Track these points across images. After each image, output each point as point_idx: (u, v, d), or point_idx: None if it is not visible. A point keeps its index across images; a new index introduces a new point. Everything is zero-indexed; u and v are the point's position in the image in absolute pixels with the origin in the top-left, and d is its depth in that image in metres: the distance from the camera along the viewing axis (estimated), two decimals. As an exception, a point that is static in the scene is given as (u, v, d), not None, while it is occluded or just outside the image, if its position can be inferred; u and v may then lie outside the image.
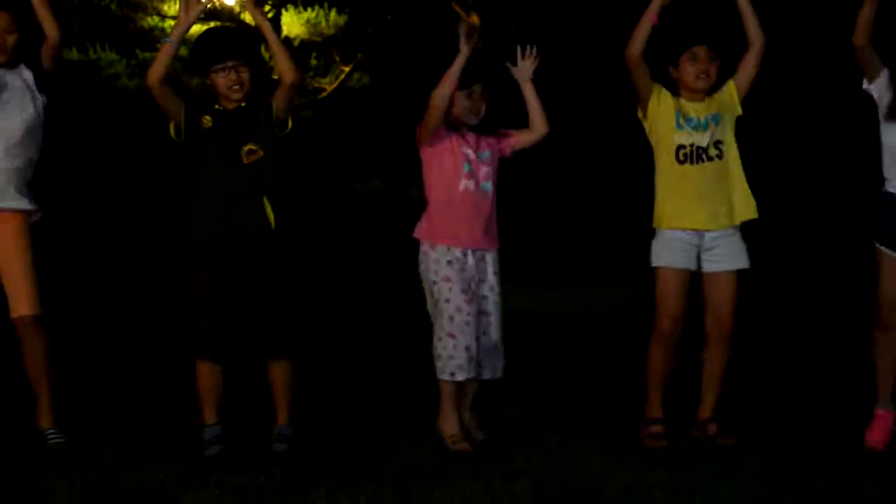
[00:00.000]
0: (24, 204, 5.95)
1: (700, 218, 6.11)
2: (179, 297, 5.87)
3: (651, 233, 6.22)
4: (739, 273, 6.18)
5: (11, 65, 6.00)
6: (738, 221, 6.19)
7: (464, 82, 6.02)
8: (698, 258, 6.15)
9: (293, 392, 5.90)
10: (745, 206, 6.19)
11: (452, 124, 6.08)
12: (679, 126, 6.13)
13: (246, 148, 5.79)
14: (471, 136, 6.10)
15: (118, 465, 5.56)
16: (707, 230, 6.12)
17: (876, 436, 6.02)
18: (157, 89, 5.77)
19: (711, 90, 6.20)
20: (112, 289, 13.21)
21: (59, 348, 6.10)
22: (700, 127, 6.13)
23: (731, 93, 6.22)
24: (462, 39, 5.97)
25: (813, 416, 6.70)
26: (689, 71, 6.14)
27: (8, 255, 5.94)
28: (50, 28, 6.03)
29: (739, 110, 6.23)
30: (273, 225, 5.76)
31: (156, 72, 5.77)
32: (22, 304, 5.93)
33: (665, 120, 6.15)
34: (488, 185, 6.10)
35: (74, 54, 14.52)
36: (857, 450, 5.91)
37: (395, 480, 5.29)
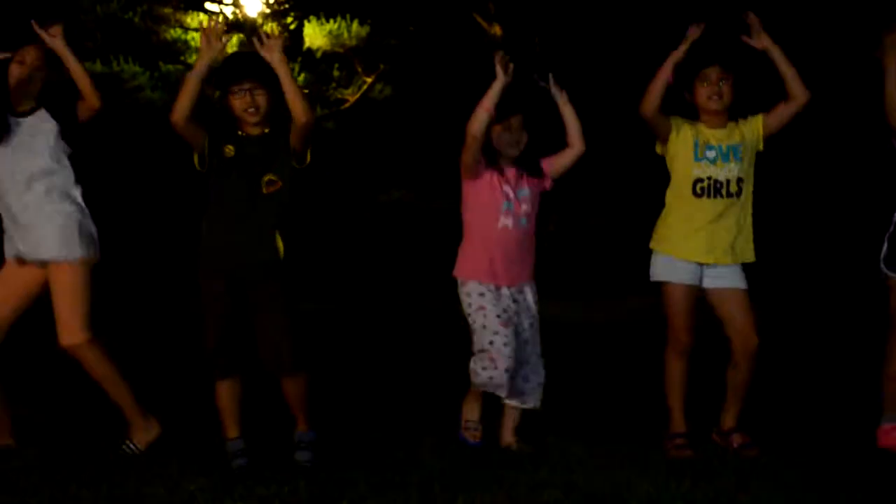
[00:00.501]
0: (67, 253, 5.99)
1: (702, 251, 6.09)
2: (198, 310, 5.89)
3: None
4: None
5: (32, 109, 6.03)
6: (738, 262, 6.17)
7: (500, 114, 6.01)
8: (699, 277, 6.15)
9: (308, 402, 5.92)
10: (747, 248, 6.18)
11: (493, 157, 6.07)
12: (697, 157, 6.11)
13: (266, 178, 5.78)
14: (511, 172, 6.09)
15: (148, 476, 5.59)
16: (707, 264, 6.12)
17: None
18: (181, 125, 5.75)
19: (734, 114, 6.17)
20: (137, 301, 13.25)
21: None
22: (720, 158, 6.11)
23: (757, 127, 6.18)
24: (499, 69, 5.91)
25: (835, 426, 6.67)
26: (702, 93, 6.12)
27: (51, 277, 6.00)
28: (91, 98, 6.03)
29: (761, 146, 6.19)
30: (282, 255, 5.76)
31: (181, 110, 5.71)
32: (70, 333, 5.98)
33: (683, 152, 6.13)
34: (526, 222, 6.11)
35: (98, 66, 14.56)
36: (878, 460, 5.89)
37: (420, 490, 5.31)
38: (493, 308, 6.03)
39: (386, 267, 15.05)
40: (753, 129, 6.18)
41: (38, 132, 6.01)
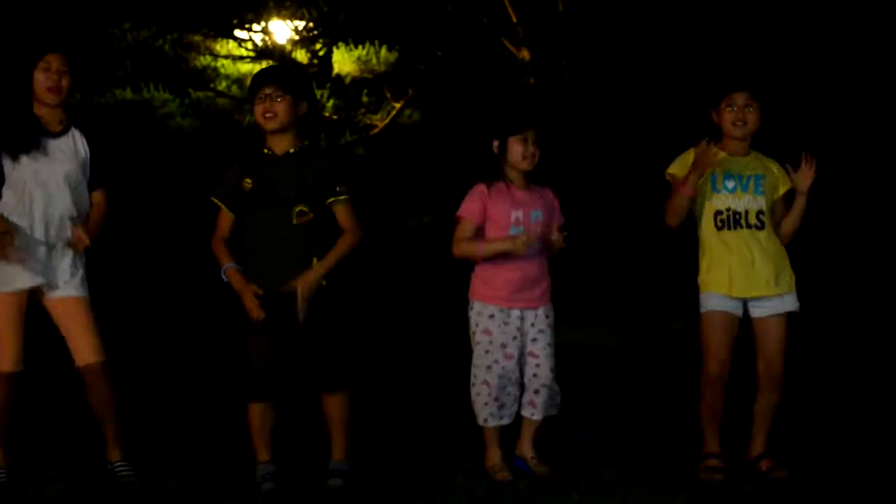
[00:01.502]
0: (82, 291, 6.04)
1: (741, 285, 6.07)
2: (235, 335, 5.89)
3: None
4: (790, 315, 6.16)
5: (64, 130, 6.05)
6: (782, 292, 6.13)
7: (517, 127, 6.03)
8: (745, 306, 6.13)
9: (349, 426, 5.88)
10: (783, 278, 6.14)
11: (501, 175, 6.08)
12: (715, 189, 6.10)
13: (297, 209, 5.73)
14: (521, 195, 6.09)
15: (179, 500, 5.60)
16: (749, 298, 6.10)
17: None
18: None
19: (755, 143, 6.16)
20: (168, 326, 13.28)
21: (122, 386, 6.22)
22: (739, 188, 6.09)
23: (781, 175, 6.19)
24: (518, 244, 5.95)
25: (863, 447, 6.63)
26: (727, 118, 6.12)
27: (68, 310, 6.02)
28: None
29: (787, 185, 6.19)
30: (324, 283, 5.73)
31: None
32: (86, 354, 6.01)
33: (703, 187, 6.12)
34: (538, 245, 6.09)
35: (128, 94, 14.65)
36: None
37: (450, 516, 5.30)
38: (499, 335, 6.03)
39: (415, 291, 15.04)
40: (778, 173, 6.19)
41: (71, 155, 6.03)
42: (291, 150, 5.82)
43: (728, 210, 6.09)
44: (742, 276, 6.05)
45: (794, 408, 6.60)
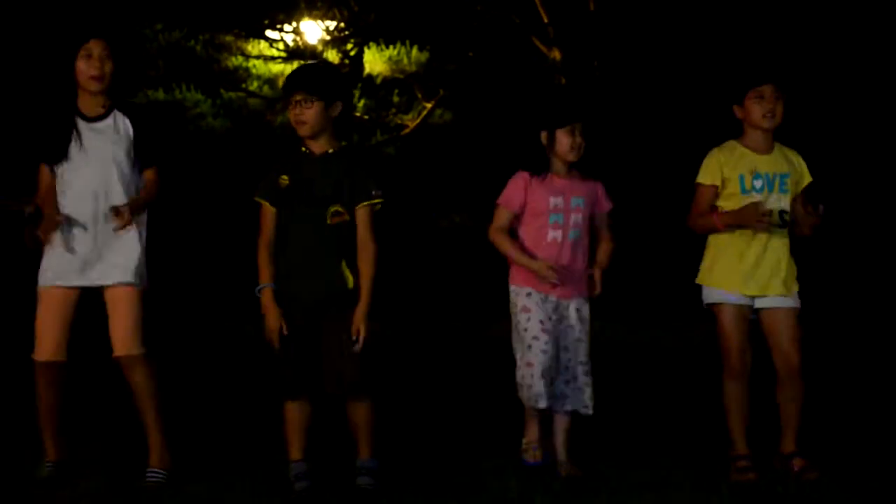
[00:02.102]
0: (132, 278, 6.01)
1: (752, 284, 6.06)
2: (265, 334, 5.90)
3: None
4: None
5: (106, 113, 6.03)
6: (789, 293, 6.10)
7: (565, 120, 6.06)
8: (751, 299, 6.12)
9: (373, 429, 5.87)
10: (791, 279, 6.13)
11: (546, 166, 6.09)
12: (745, 190, 6.07)
13: (332, 209, 5.74)
14: (562, 183, 6.10)
15: (211, 499, 5.62)
16: (755, 296, 6.09)
17: None
18: None
19: (779, 136, 6.14)
20: (199, 323, 13.33)
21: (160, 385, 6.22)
22: (766, 188, 6.06)
23: (803, 168, 6.19)
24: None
25: (885, 445, 6.60)
26: (756, 110, 6.07)
27: (113, 298, 6.01)
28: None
29: (809, 178, 6.21)
30: (351, 285, 5.73)
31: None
32: (120, 345, 5.99)
33: (732, 189, 6.09)
34: (577, 234, 6.10)
35: (160, 94, 14.71)
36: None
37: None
38: (537, 312, 6.06)
39: (446, 291, 15.05)
40: (801, 167, 6.18)
41: (112, 137, 6.02)
42: (329, 151, 5.83)
43: None
44: (754, 275, 6.04)
45: (813, 406, 6.56)
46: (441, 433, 7.26)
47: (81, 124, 5.97)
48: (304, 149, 5.85)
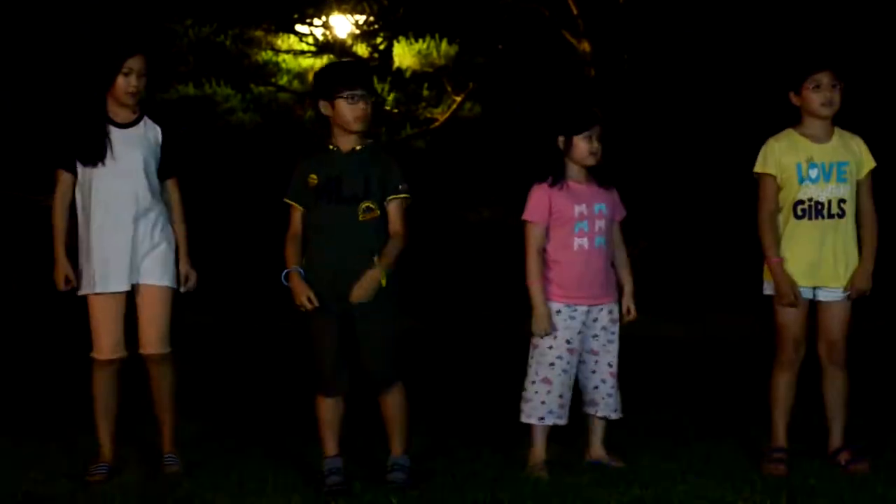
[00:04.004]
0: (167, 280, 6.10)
1: (810, 275, 6.00)
2: (299, 330, 5.91)
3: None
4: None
5: (136, 119, 6.09)
6: (847, 284, 6.04)
7: (583, 125, 6.01)
8: (812, 290, 6.07)
9: (407, 423, 5.88)
10: (853, 269, 6.06)
11: (563, 172, 6.07)
12: (801, 180, 6.01)
13: (364, 205, 5.72)
14: (583, 190, 6.06)
15: (243, 493, 5.64)
16: (819, 287, 6.05)
17: None
18: None
19: (838, 121, 6.08)
20: (231, 319, 13.38)
21: (186, 378, 6.27)
22: (822, 177, 6.00)
23: (865, 154, 6.10)
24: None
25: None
26: (813, 98, 5.99)
27: (144, 297, 6.08)
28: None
29: (871, 164, 6.11)
30: (384, 283, 5.70)
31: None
32: (148, 343, 6.08)
33: (788, 178, 6.03)
34: (603, 241, 6.08)
35: (191, 89, 14.77)
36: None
37: (511, 508, 5.29)
38: (564, 331, 6.01)
39: (475, 285, 15.05)
40: (861, 151, 6.11)
41: (142, 143, 6.07)
42: (358, 148, 5.80)
43: (810, 200, 6.00)
44: (812, 267, 5.99)
45: (861, 400, 6.52)
46: (471, 427, 7.26)
47: (113, 130, 6.04)
48: (331, 146, 5.83)
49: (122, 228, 6.00)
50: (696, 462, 6.12)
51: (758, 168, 6.08)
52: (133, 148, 6.03)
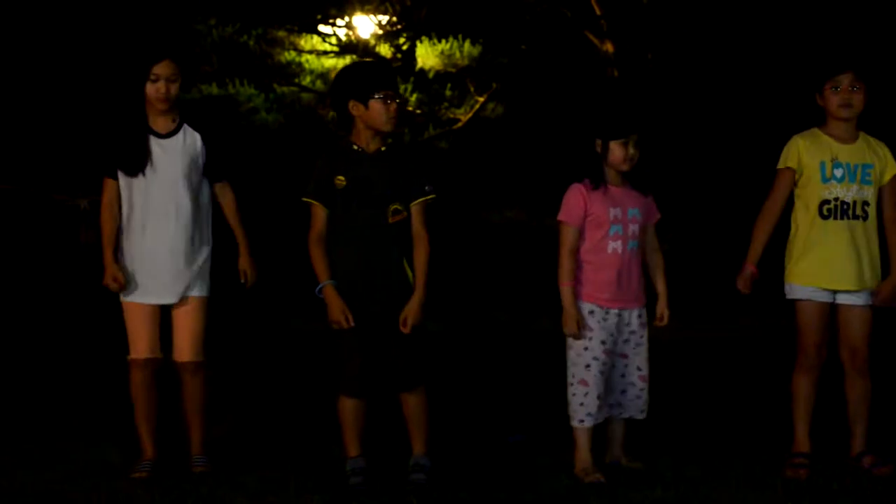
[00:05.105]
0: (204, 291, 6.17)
1: (833, 278, 5.97)
2: (323, 331, 5.91)
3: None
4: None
5: (176, 129, 6.10)
6: (871, 286, 6.02)
7: (621, 132, 5.99)
8: (832, 294, 6.04)
9: (428, 423, 5.88)
10: (873, 275, 6.03)
11: (601, 177, 6.05)
12: (825, 179, 5.99)
13: (392, 207, 5.72)
14: (619, 192, 6.05)
15: (264, 493, 5.65)
16: (841, 290, 6.02)
17: None
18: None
19: (861, 122, 6.05)
20: (254, 320, 13.39)
21: (215, 382, 6.32)
22: (847, 177, 5.97)
23: (889, 159, 6.06)
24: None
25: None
26: (833, 100, 5.97)
27: (181, 306, 6.13)
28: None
29: (894, 169, 6.07)
30: (412, 282, 5.73)
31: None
32: (183, 352, 6.12)
33: (812, 176, 6.01)
34: (636, 245, 6.07)
35: (214, 89, 14.82)
36: None
37: (533, 511, 5.28)
38: (599, 332, 5.99)
39: (498, 286, 15.04)
40: (886, 155, 6.08)
41: (183, 153, 6.09)
42: (383, 149, 5.80)
43: (836, 200, 5.97)
44: (835, 269, 5.96)
45: (884, 402, 6.49)
46: (493, 429, 7.25)
47: (153, 140, 6.06)
48: (355, 146, 5.81)
49: (163, 240, 6.04)
50: (717, 464, 6.10)
51: (780, 164, 6.07)
52: (173, 158, 6.04)
